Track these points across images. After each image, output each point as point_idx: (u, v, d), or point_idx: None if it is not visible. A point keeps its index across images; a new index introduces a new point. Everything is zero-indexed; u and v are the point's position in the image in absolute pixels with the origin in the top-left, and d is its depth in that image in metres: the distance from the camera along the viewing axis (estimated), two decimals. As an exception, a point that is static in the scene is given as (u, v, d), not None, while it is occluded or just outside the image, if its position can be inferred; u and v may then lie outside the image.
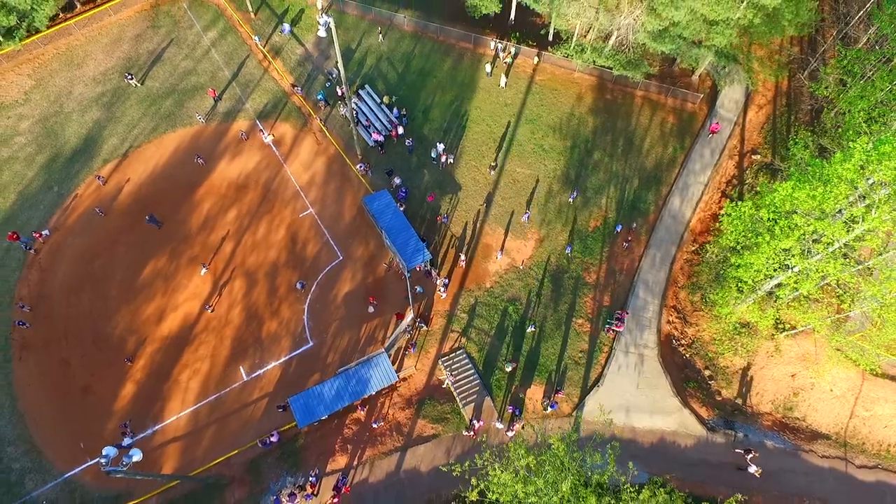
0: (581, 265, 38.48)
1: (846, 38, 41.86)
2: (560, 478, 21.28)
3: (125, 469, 20.54)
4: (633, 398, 33.74)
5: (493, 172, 41.23)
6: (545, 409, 33.50)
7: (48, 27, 44.57)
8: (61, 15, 46.18)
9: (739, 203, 27.85)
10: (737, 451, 31.89)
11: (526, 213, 39.44)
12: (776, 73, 42.88)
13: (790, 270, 26.68)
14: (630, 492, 22.19)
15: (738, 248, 29.07)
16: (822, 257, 24.97)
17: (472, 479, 22.41)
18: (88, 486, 32.47)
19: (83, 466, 32.87)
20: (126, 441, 33.56)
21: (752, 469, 31.13)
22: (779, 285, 30.99)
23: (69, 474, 32.73)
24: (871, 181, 22.09)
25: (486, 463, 23.12)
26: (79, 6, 47.01)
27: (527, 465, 21.75)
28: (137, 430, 33.80)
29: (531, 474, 22.15)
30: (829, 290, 32.72)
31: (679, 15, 36.07)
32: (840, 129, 35.08)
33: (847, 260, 25.27)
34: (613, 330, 35.68)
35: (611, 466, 22.26)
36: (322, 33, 29.18)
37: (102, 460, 20.30)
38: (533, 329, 35.79)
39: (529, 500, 21.15)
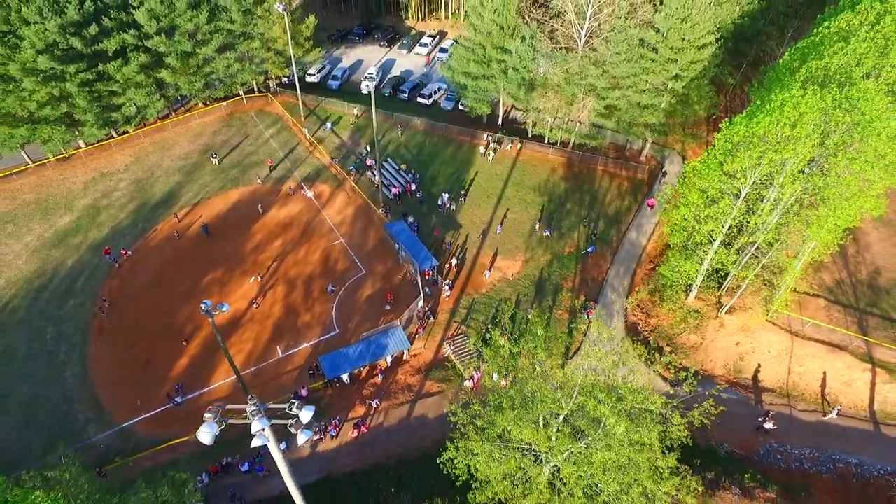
0: (559, 276, 47.24)
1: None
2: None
3: (216, 313, 27.77)
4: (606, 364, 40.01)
5: (462, 200, 53.51)
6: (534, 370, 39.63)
7: (151, 123, 59.73)
8: (159, 121, 61.68)
9: (665, 186, 38.41)
10: (759, 419, 36.86)
11: (499, 226, 50.54)
12: (698, 143, 56.82)
13: (701, 224, 36.13)
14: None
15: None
16: (719, 204, 34.78)
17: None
18: (141, 434, 37.67)
19: (138, 419, 38.36)
20: (178, 399, 39.34)
21: (769, 425, 36.18)
22: (713, 272, 39.97)
23: (125, 424, 38.09)
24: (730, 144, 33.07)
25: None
26: (173, 115, 62.80)
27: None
28: (188, 391, 39.77)
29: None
30: (757, 277, 41.33)
31: (615, 95, 50.45)
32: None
33: (736, 202, 34.79)
34: (586, 317, 43.22)
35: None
36: (364, 90, 42.80)
37: (202, 307, 27.70)
38: (531, 315, 43.43)
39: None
